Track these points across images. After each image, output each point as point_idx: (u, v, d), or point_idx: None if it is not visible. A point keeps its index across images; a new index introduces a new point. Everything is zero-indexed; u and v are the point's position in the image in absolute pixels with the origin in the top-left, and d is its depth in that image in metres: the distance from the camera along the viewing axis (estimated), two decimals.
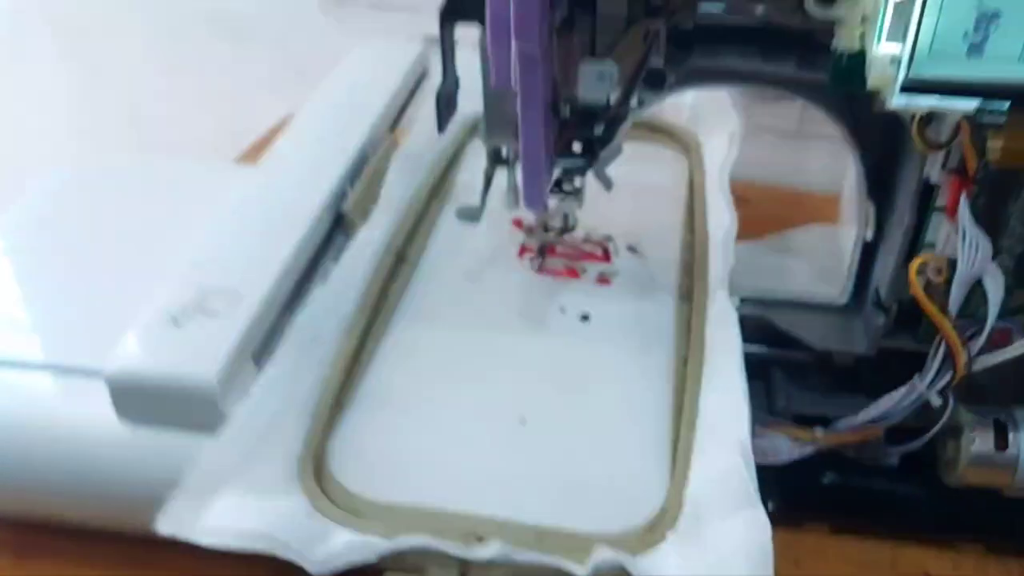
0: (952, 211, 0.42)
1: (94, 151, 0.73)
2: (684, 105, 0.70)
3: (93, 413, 0.42)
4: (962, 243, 0.41)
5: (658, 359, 0.49)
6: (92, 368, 0.42)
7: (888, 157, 0.48)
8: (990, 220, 0.41)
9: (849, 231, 0.56)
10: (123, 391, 0.41)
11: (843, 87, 0.38)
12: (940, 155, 0.41)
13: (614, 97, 0.42)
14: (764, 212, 0.53)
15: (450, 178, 0.65)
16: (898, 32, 0.34)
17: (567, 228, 0.53)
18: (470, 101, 0.46)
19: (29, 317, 0.50)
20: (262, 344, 0.45)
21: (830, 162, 0.81)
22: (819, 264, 0.60)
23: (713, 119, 0.67)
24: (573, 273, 0.56)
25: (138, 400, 0.41)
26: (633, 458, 0.44)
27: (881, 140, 0.48)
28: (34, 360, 0.46)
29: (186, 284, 0.45)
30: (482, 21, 0.40)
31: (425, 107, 0.69)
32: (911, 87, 0.35)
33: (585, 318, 0.52)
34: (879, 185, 0.49)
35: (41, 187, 0.61)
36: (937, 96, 0.35)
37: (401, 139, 0.65)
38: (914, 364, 0.46)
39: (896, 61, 0.34)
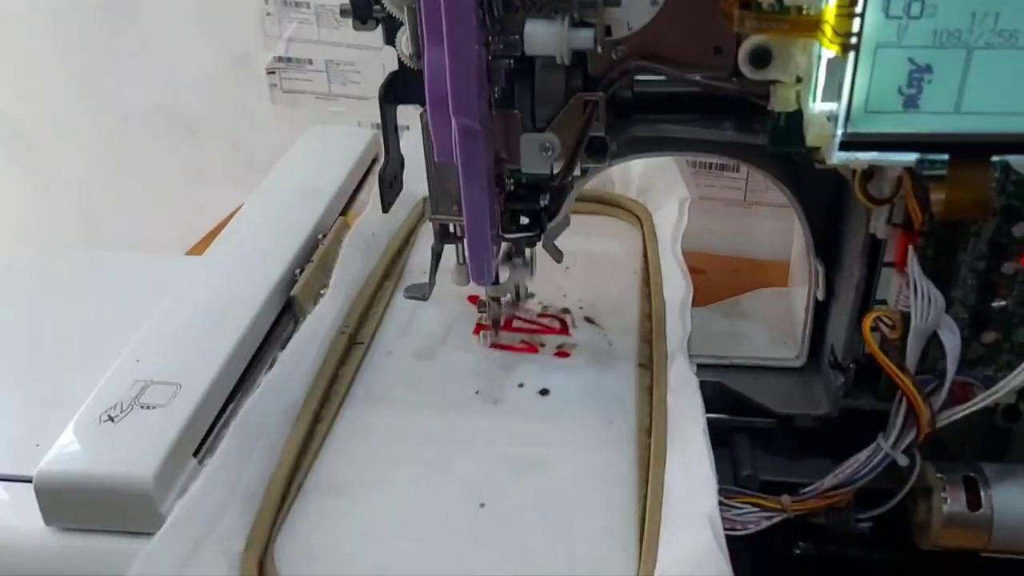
0: (901, 265, 0.42)
1: (42, 249, 0.72)
2: (633, 177, 0.70)
3: (20, 520, 0.39)
4: (914, 297, 0.41)
5: (620, 429, 0.48)
6: (23, 475, 0.40)
7: (834, 215, 0.48)
8: (940, 272, 0.41)
9: (800, 292, 0.56)
10: (51, 494, 0.39)
11: (782, 147, 0.38)
12: (884, 210, 0.41)
13: (557, 168, 0.41)
14: (717, 281, 0.53)
15: (403, 259, 0.64)
16: (832, 90, 0.34)
17: (519, 298, 0.52)
18: (422, 182, 0.46)
19: None
20: (204, 437, 0.43)
21: (778, 228, 0.83)
22: (773, 327, 0.60)
23: (662, 189, 0.67)
24: (531, 348, 0.55)
25: (68, 503, 0.39)
26: (598, 540, 0.42)
27: (826, 199, 0.48)
28: None
29: (123, 378, 0.44)
30: (421, 101, 0.41)
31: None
32: (849, 143, 0.35)
33: (544, 392, 0.51)
34: (827, 244, 0.49)
35: None
36: (876, 151, 0.35)
37: (353, 222, 0.64)
38: (878, 423, 0.45)
39: (833, 118, 0.34)
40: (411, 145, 0.47)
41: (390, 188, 0.45)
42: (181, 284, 0.52)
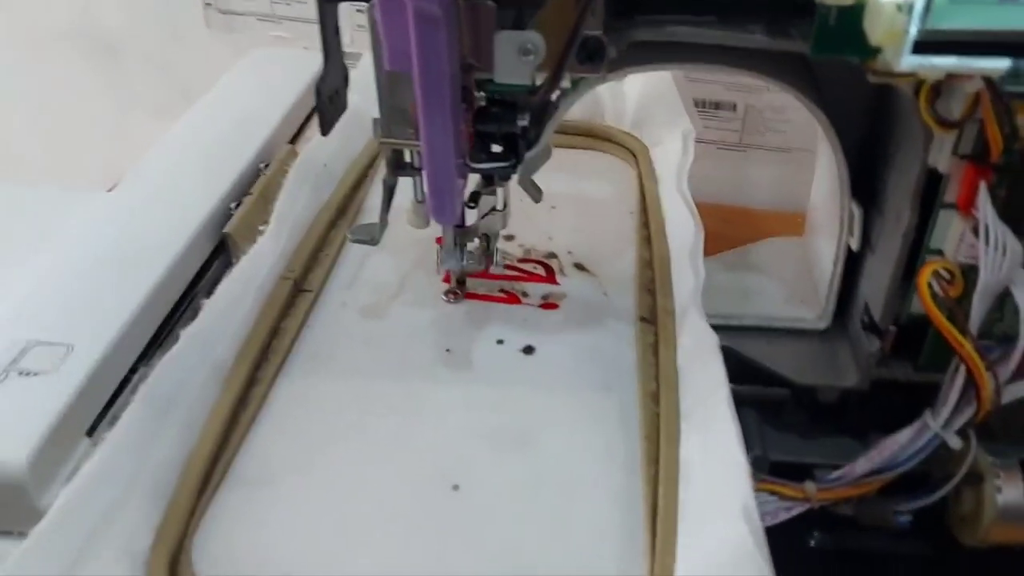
0: (966, 207, 0.34)
1: None
2: (627, 106, 0.62)
3: None
4: (985, 245, 0.33)
5: (621, 396, 0.41)
6: None
7: (876, 146, 0.40)
8: (1014, 216, 0.33)
9: (822, 242, 0.48)
10: None
11: (831, 52, 0.30)
12: (949, 138, 0.33)
13: (540, 79, 0.33)
14: (708, 232, 0.45)
15: (361, 194, 0.55)
16: None
17: (490, 254, 0.44)
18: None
19: None
20: (101, 412, 0.35)
21: (776, 175, 0.75)
22: (788, 283, 0.53)
23: (662, 121, 0.59)
24: (512, 298, 0.47)
25: None
26: (598, 531, 0.34)
27: (866, 125, 0.40)
28: None
29: (1, 337, 0.35)
30: None
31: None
32: (925, 43, 0.26)
33: (529, 350, 0.43)
34: (865, 182, 0.41)
35: None
36: (957, 55, 0.27)
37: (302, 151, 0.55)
38: (913, 399, 0.38)
39: (906, 9, 0.26)
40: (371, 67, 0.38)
41: (331, 104, 0.36)
42: (83, 222, 0.43)
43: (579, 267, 0.49)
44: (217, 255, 0.46)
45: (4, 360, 0.34)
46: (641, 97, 0.61)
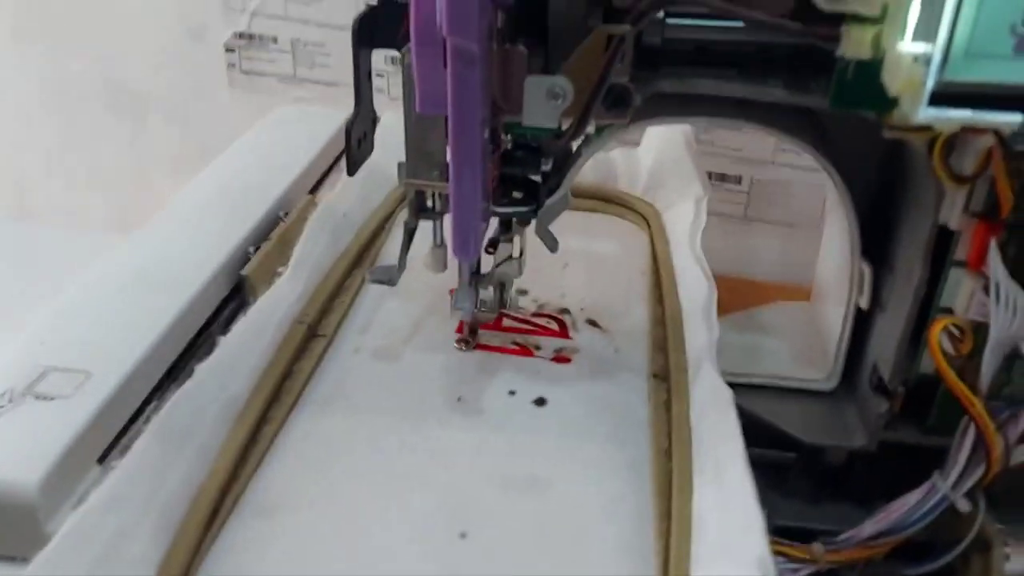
0: (976, 264, 0.34)
1: None
2: (640, 172, 0.63)
3: None
4: (995, 303, 0.33)
5: (633, 450, 0.40)
6: None
7: (887, 205, 0.41)
8: (1022, 275, 0.34)
9: (830, 304, 0.49)
10: None
11: (849, 105, 0.31)
12: (961, 194, 0.34)
13: (566, 124, 0.34)
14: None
15: (378, 245, 0.56)
16: (928, 27, 0.27)
17: (505, 305, 0.44)
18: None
19: None
20: (115, 439, 0.35)
21: (781, 248, 0.76)
22: (796, 343, 0.53)
23: (674, 186, 0.60)
24: (525, 351, 0.47)
25: None
26: None
27: (877, 184, 0.41)
28: None
29: (20, 362, 0.35)
30: (398, 47, 0.33)
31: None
32: (942, 95, 0.27)
33: (541, 402, 0.43)
34: (875, 241, 0.42)
35: None
36: (972, 108, 0.28)
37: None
38: (920, 463, 0.38)
39: (924, 61, 0.27)
40: (393, 123, 0.39)
41: (358, 148, 0.37)
42: (108, 257, 0.44)
43: (591, 323, 0.49)
44: (234, 296, 0.47)
45: (22, 384, 0.34)
46: (654, 163, 0.63)
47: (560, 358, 0.47)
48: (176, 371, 0.40)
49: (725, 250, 0.77)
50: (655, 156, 0.62)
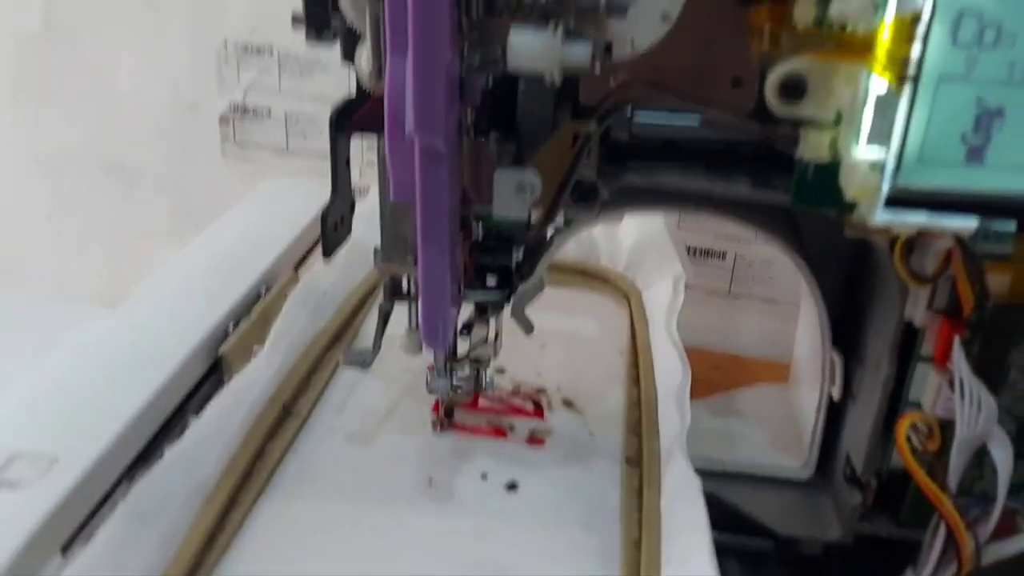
0: (942, 361, 0.35)
1: None
2: (621, 250, 0.63)
3: None
4: (960, 401, 0.33)
5: (603, 539, 0.40)
6: None
7: (855, 298, 0.41)
8: (988, 372, 0.34)
9: (807, 391, 0.49)
10: None
11: (810, 204, 0.31)
12: (925, 292, 0.34)
13: (536, 216, 0.34)
14: (697, 378, 0.45)
15: (356, 323, 0.56)
16: (881, 133, 0.28)
17: (481, 387, 0.44)
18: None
19: None
20: (79, 527, 0.35)
21: (765, 324, 0.77)
22: (773, 430, 0.53)
23: (654, 265, 0.60)
24: (499, 432, 0.47)
25: None
26: None
27: (845, 279, 0.41)
28: None
29: None
30: (379, 129, 0.34)
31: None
32: (897, 200, 0.28)
33: (512, 487, 0.43)
34: (845, 332, 0.42)
35: None
36: (928, 212, 0.28)
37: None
38: (896, 554, 0.38)
39: (879, 168, 0.28)
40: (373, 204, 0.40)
41: (335, 231, 0.38)
42: (86, 334, 0.44)
43: (567, 403, 0.50)
44: (211, 374, 0.47)
45: None
46: (635, 241, 0.63)
47: (534, 440, 0.47)
48: (148, 454, 0.40)
49: (709, 325, 0.77)
50: (635, 234, 0.63)
